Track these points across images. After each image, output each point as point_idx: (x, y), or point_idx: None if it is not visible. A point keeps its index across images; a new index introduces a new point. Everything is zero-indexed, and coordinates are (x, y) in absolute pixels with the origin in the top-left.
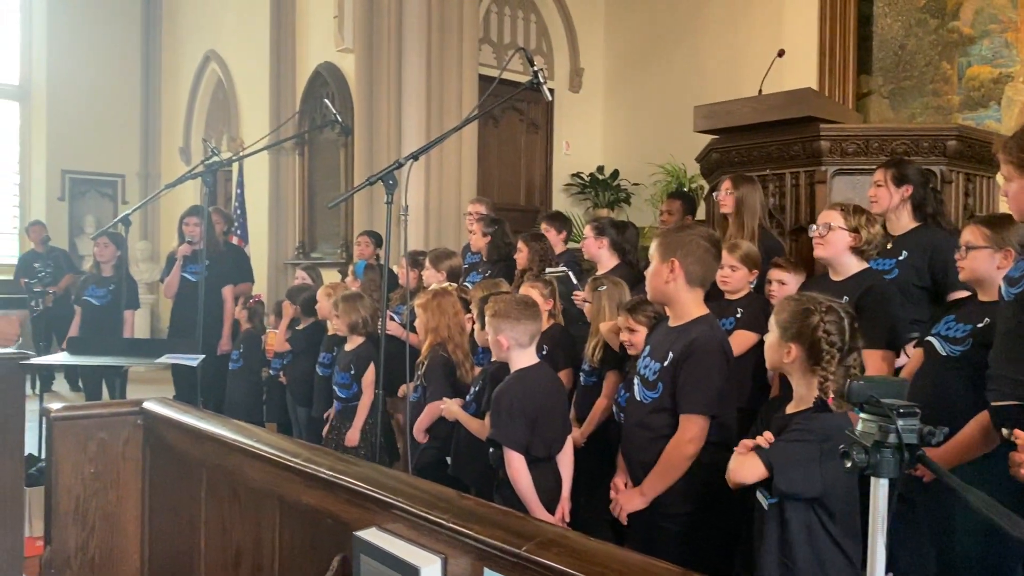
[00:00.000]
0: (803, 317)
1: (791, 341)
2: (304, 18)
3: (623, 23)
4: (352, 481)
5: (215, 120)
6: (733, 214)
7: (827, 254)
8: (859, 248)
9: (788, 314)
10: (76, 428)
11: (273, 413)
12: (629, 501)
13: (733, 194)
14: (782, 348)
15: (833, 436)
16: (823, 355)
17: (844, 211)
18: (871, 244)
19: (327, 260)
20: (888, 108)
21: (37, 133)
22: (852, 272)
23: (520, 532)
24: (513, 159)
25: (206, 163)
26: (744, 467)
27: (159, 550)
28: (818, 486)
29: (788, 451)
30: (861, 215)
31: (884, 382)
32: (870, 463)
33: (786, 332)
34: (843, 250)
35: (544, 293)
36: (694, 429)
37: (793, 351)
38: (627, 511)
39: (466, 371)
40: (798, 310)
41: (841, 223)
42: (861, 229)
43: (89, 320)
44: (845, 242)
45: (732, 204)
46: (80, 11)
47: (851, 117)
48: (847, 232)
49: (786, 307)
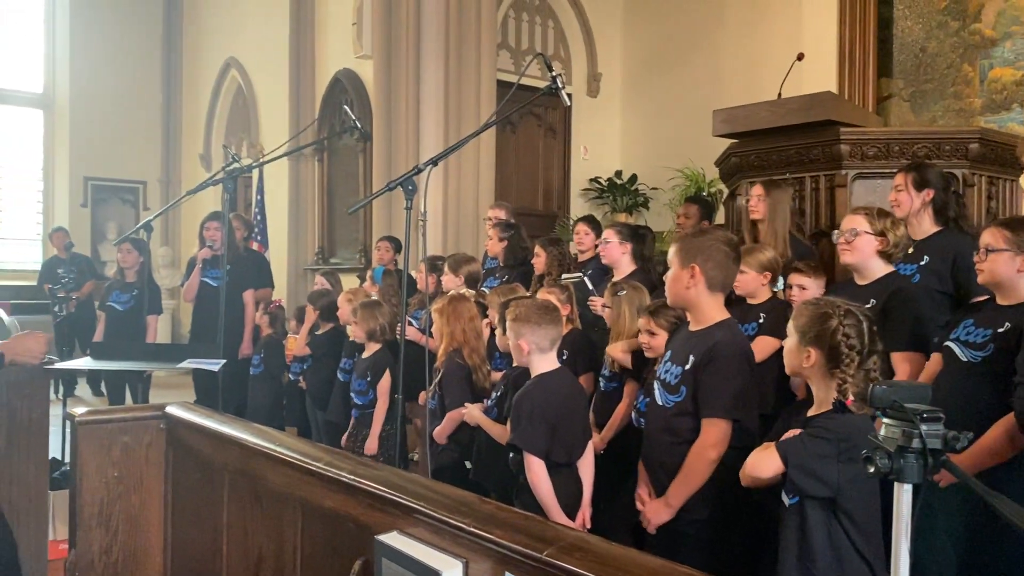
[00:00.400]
0: (821, 321)
1: (810, 345)
2: (323, 25)
3: (641, 27)
4: (373, 485)
5: (235, 127)
6: (766, 220)
7: (854, 260)
8: (886, 252)
9: (806, 319)
10: (100, 432)
11: (293, 417)
12: (657, 514)
13: (765, 200)
14: (801, 352)
15: (852, 437)
16: (842, 359)
17: (869, 215)
18: (898, 247)
19: (346, 265)
20: (909, 111)
21: (60, 141)
22: (878, 276)
23: (542, 537)
24: (531, 164)
25: (226, 169)
26: (761, 461)
27: (181, 553)
28: (832, 485)
29: (804, 447)
30: (886, 218)
31: (907, 387)
32: (893, 468)
33: (805, 336)
34: (870, 255)
35: (561, 298)
36: (716, 433)
37: (812, 355)
38: (656, 524)
39: (483, 376)
40: (816, 314)
41: (867, 227)
42: (888, 232)
43: (113, 325)
44: (872, 247)
45: (764, 210)
46: (102, 20)
47: (871, 120)
48: (874, 236)
49: (804, 312)
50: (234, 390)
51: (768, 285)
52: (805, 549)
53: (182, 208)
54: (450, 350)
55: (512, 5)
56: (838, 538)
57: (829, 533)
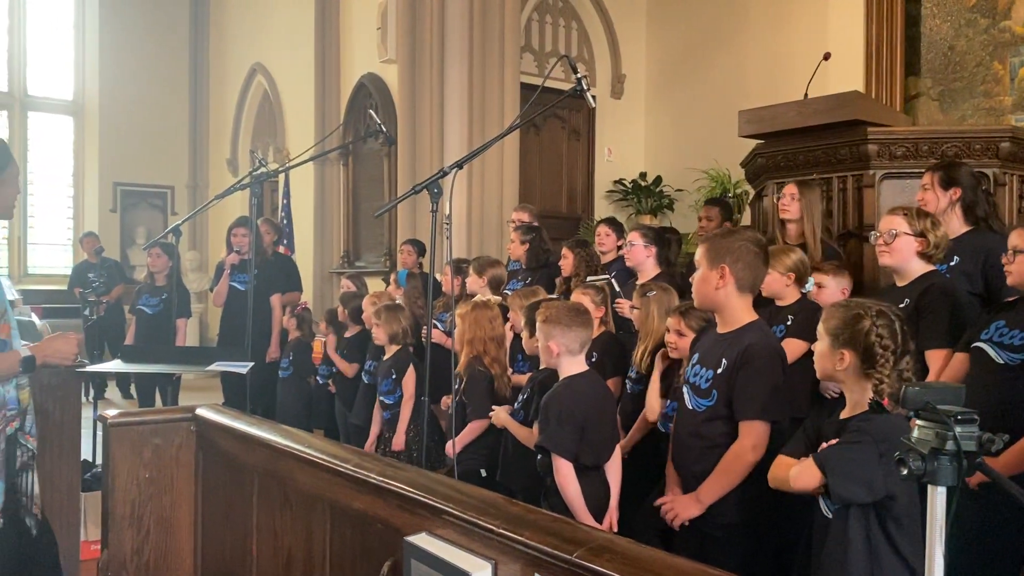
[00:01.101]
0: (854, 323)
1: (844, 347)
2: (348, 30)
3: (665, 29)
4: (402, 487)
5: (261, 132)
6: (799, 220)
7: (893, 262)
8: (926, 253)
9: (838, 321)
10: (132, 434)
11: (321, 420)
12: (686, 508)
13: (800, 200)
14: (834, 355)
15: (891, 438)
16: (877, 359)
17: (908, 215)
18: (939, 248)
19: (371, 268)
20: (937, 110)
21: (90, 147)
22: (917, 275)
23: (571, 538)
24: (555, 166)
25: (254, 174)
26: (800, 475)
27: (211, 554)
28: (879, 490)
29: (844, 455)
30: (926, 219)
31: (940, 388)
32: (927, 470)
33: (838, 339)
34: (910, 256)
35: (596, 300)
36: (756, 435)
37: (847, 357)
38: (683, 518)
39: (503, 383)
40: (848, 316)
41: (906, 228)
42: (928, 233)
43: (143, 328)
44: (912, 248)
45: (798, 211)
46: (131, 28)
47: (899, 120)
48: (913, 237)
49: (835, 314)
50: (262, 393)
51: (794, 286)
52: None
53: (209, 212)
54: (471, 357)
55: (535, 8)
56: (877, 544)
57: (868, 539)
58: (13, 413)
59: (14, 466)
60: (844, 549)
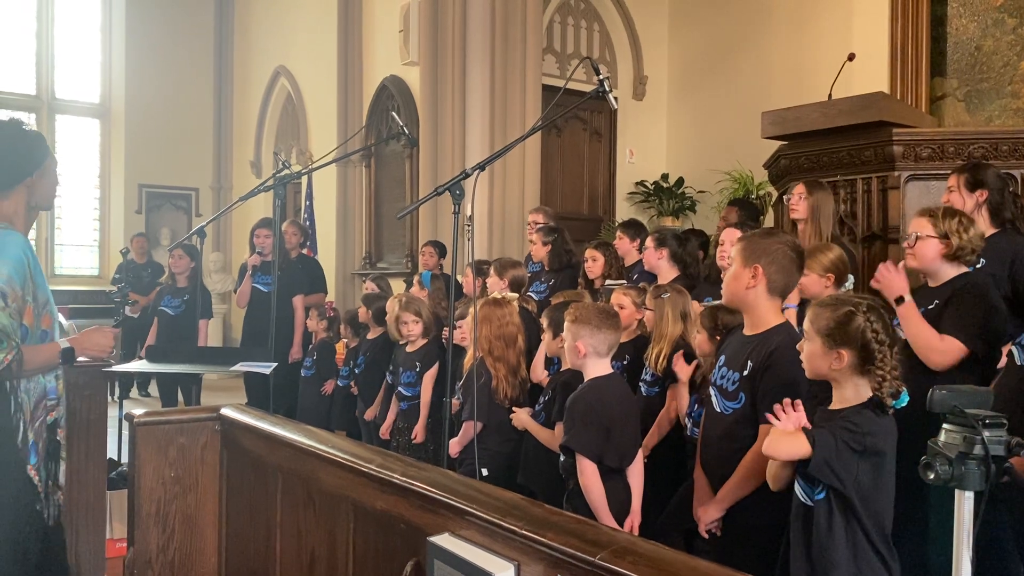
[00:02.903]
0: (847, 320)
1: (840, 346)
2: (370, 33)
3: (687, 29)
4: (425, 487)
5: (285, 134)
6: (808, 221)
7: (917, 265)
8: (952, 255)
9: (828, 320)
10: (157, 433)
11: (342, 420)
12: (706, 512)
13: (807, 200)
14: (829, 355)
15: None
16: (875, 355)
17: (933, 217)
18: (965, 250)
19: (393, 270)
20: (964, 111)
21: (116, 149)
22: (951, 276)
23: (595, 540)
24: (576, 168)
25: (277, 176)
26: (790, 444)
27: (235, 552)
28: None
29: (835, 439)
30: (953, 219)
31: (968, 391)
32: (954, 475)
33: (832, 338)
34: (934, 259)
35: (637, 301)
36: None
37: (844, 356)
38: (705, 521)
39: (507, 384)
40: (840, 314)
41: (930, 230)
42: (952, 235)
43: (165, 329)
44: (935, 251)
45: (806, 210)
46: (156, 32)
47: (925, 121)
48: (937, 240)
49: (823, 313)
50: (284, 393)
51: (833, 287)
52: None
53: (233, 214)
54: (479, 356)
55: (557, 9)
56: (856, 537)
57: (847, 530)
58: (53, 403)
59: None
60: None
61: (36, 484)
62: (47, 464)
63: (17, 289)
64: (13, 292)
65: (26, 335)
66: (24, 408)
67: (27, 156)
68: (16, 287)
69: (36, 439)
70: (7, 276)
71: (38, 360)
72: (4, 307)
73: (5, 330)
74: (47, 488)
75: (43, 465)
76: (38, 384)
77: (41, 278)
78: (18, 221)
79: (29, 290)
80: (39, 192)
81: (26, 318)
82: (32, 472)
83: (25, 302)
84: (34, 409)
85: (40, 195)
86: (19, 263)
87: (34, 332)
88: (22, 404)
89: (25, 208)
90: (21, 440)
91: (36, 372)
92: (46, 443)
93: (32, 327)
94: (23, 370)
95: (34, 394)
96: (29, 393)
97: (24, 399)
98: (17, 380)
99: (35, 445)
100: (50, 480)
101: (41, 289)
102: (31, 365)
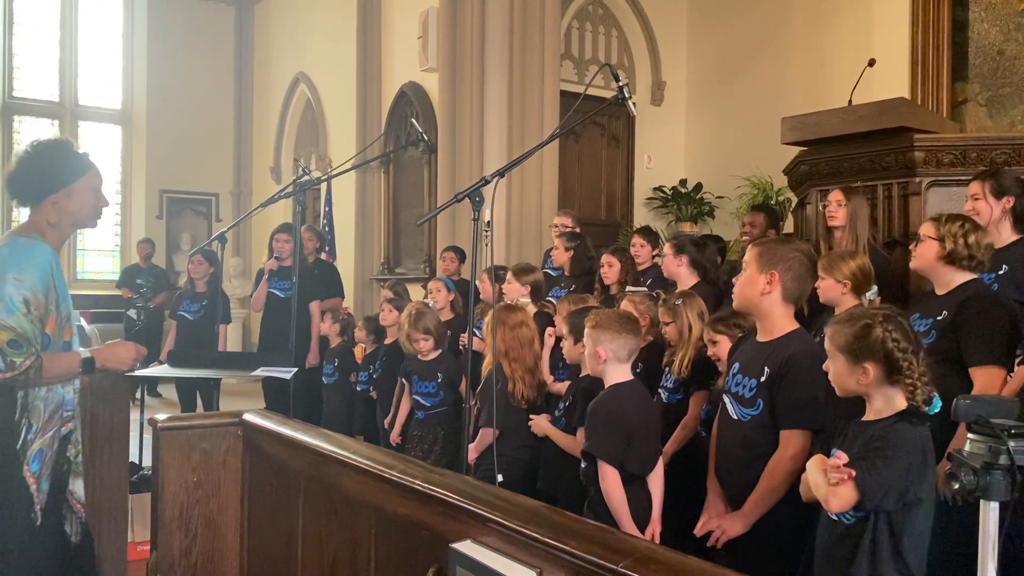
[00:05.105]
0: (866, 334)
1: (863, 361)
2: (389, 40)
3: (706, 35)
4: (446, 494)
5: (304, 140)
6: (846, 228)
7: (917, 266)
8: (950, 259)
9: (848, 336)
10: (180, 438)
11: (361, 425)
12: (732, 526)
13: (845, 206)
14: (855, 371)
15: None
16: (900, 363)
17: (936, 221)
18: (961, 255)
19: (411, 275)
20: (986, 116)
21: (137, 155)
22: (955, 284)
23: (617, 548)
24: (594, 173)
25: (298, 182)
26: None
27: (257, 557)
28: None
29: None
30: (954, 224)
31: (993, 401)
32: (979, 485)
33: (855, 354)
34: (933, 262)
35: (640, 309)
36: (797, 445)
37: (870, 370)
38: (729, 536)
39: (524, 385)
40: (858, 329)
41: (931, 233)
42: (947, 239)
43: (184, 334)
44: (934, 252)
45: (844, 217)
46: (177, 39)
47: (946, 126)
48: (936, 242)
49: (841, 330)
50: (302, 398)
51: (851, 294)
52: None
53: (252, 219)
54: (496, 359)
55: (575, 15)
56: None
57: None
58: (70, 415)
59: (62, 468)
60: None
61: (32, 491)
62: (55, 473)
63: (41, 298)
64: (37, 300)
65: (48, 344)
66: (35, 415)
67: (56, 174)
68: (40, 296)
69: (45, 448)
70: (32, 284)
71: (58, 368)
72: (27, 314)
73: (26, 336)
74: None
75: (48, 475)
76: (55, 394)
77: (64, 291)
78: (50, 235)
79: (52, 300)
80: (69, 209)
81: (49, 327)
82: (30, 478)
83: (48, 311)
84: (48, 419)
85: (70, 212)
86: (44, 274)
87: (56, 341)
88: (32, 410)
89: (55, 223)
90: (21, 444)
91: (55, 380)
92: (56, 454)
93: (55, 336)
94: (42, 377)
95: (51, 403)
96: (46, 402)
97: (39, 407)
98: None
99: (41, 453)
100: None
101: (64, 301)
102: (50, 373)
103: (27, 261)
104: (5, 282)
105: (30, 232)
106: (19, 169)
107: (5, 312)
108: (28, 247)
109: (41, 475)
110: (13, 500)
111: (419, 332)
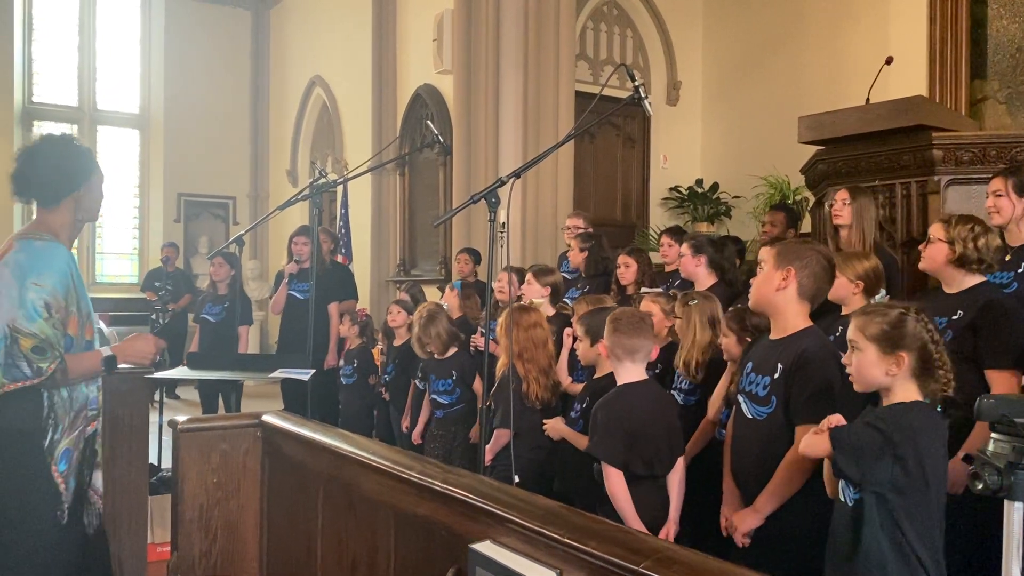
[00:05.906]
0: (901, 324)
1: (899, 351)
2: (404, 42)
3: (721, 34)
4: (465, 494)
5: (320, 143)
6: (851, 226)
7: (926, 267)
8: (959, 262)
9: (882, 325)
10: (200, 440)
11: (377, 427)
12: (744, 521)
13: (851, 205)
14: (886, 361)
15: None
16: (933, 355)
17: (946, 223)
18: (970, 258)
19: (427, 277)
20: (1005, 114)
21: (155, 159)
22: (966, 286)
23: (637, 549)
24: (610, 174)
25: (314, 184)
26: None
27: (277, 558)
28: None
29: (855, 435)
30: (964, 226)
31: (1017, 400)
32: (1003, 485)
33: (891, 343)
34: (942, 264)
35: (666, 309)
36: None
37: (905, 359)
38: (743, 531)
39: (538, 386)
40: (892, 319)
41: (940, 235)
42: (956, 242)
43: (207, 336)
44: (942, 255)
45: (849, 216)
46: (194, 43)
47: (965, 124)
48: (945, 245)
49: (873, 320)
50: (321, 400)
51: (861, 295)
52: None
53: (269, 222)
54: (510, 360)
55: (590, 16)
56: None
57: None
58: (94, 414)
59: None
60: (856, 536)
61: (60, 490)
62: (79, 472)
63: (61, 300)
64: (57, 303)
65: (71, 345)
66: (60, 415)
67: (76, 171)
68: (60, 299)
69: (72, 448)
70: (51, 288)
71: (81, 368)
72: (48, 318)
73: (49, 340)
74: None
75: (74, 474)
76: (80, 393)
77: (83, 290)
78: (63, 234)
79: (72, 300)
80: (85, 205)
81: (71, 328)
82: (58, 478)
83: (69, 312)
84: (74, 419)
85: (86, 208)
86: (63, 276)
87: (79, 342)
88: (57, 410)
89: (71, 221)
90: (48, 445)
91: (80, 380)
92: (82, 453)
93: (77, 336)
94: (67, 379)
95: (76, 403)
96: (72, 402)
97: (63, 407)
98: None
99: (68, 453)
100: (89, 488)
101: (84, 300)
102: (75, 373)
103: (45, 265)
104: (26, 288)
105: (42, 233)
106: (38, 170)
107: (27, 319)
108: (45, 250)
109: (68, 475)
110: (41, 500)
111: (429, 337)
